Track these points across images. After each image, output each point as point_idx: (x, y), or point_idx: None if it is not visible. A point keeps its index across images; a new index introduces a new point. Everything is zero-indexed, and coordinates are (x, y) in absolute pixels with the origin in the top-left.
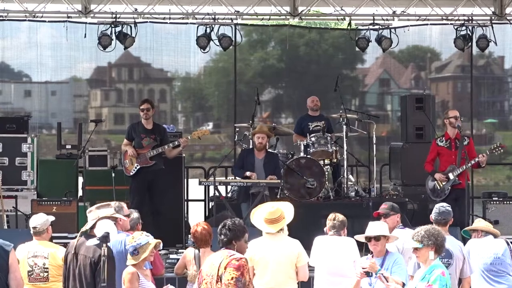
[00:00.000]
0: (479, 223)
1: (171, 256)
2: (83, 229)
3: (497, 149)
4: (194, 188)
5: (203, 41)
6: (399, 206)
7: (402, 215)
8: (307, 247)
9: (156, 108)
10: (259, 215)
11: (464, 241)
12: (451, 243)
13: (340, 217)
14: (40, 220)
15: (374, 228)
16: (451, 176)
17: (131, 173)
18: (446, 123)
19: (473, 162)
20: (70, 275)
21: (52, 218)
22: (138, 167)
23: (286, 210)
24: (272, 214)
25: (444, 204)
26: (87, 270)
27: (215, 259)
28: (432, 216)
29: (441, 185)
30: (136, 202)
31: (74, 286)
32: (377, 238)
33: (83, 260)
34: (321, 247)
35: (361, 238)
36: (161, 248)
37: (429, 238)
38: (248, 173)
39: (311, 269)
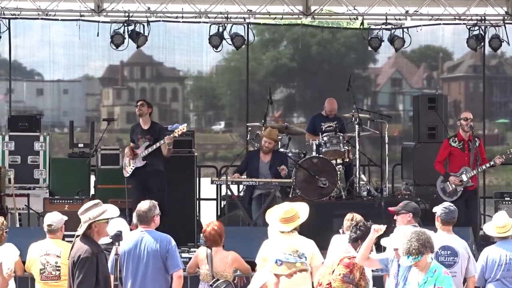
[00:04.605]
0: (498, 221)
1: (183, 255)
2: (79, 233)
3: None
4: (206, 187)
5: (215, 40)
6: None
7: (415, 215)
8: (319, 246)
9: (168, 107)
10: (274, 214)
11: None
12: (457, 241)
13: (358, 217)
14: (55, 218)
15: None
16: (464, 178)
17: (128, 174)
18: (459, 124)
19: (488, 165)
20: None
21: (65, 217)
22: (133, 168)
23: (301, 210)
24: (287, 213)
25: (449, 203)
26: (70, 270)
27: (337, 254)
28: (440, 215)
29: (453, 187)
30: (133, 203)
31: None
32: None
33: (69, 260)
34: (339, 246)
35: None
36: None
37: (425, 246)
38: None
39: None
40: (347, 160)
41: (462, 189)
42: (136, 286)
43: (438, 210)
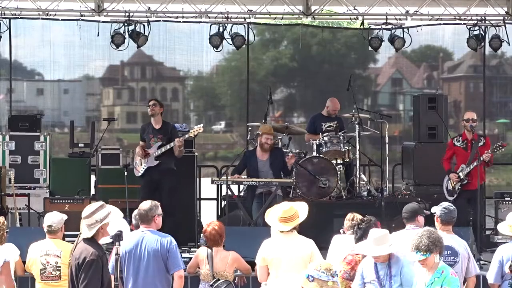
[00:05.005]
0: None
1: (184, 254)
2: (85, 236)
3: (498, 148)
4: (207, 187)
5: (215, 40)
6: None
7: (404, 218)
8: (319, 246)
9: (168, 107)
10: (273, 214)
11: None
12: (456, 241)
13: (358, 217)
14: (55, 218)
15: (375, 245)
16: (461, 175)
17: (140, 173)
18: (463, 125)
19: (476, 163)
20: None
21: (65, 216)
22: (145, 167)
23: (300, 209)
24: (286, 213)
25: (448, 203)
26: (73, 271)
27: (342, 254)
28: (440, 215)
29: (453, 184)
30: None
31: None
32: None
33: (72, 262)
34: (340, 246)
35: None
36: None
37: (435, 245)
38: None
39: None
40: (348, 160)
41: (460, 187)
42: (137, 286)
43: (437, 210)
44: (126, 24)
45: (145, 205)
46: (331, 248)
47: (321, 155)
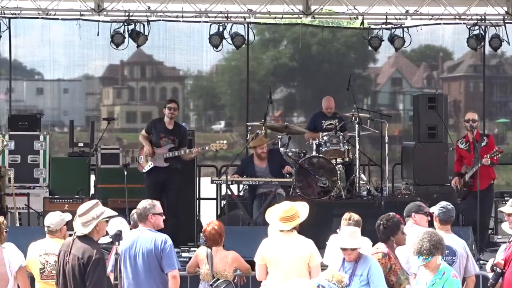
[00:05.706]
0: None
1: (183, 254)
2: (81, 233)
3: (495, 154)
4: (206, 187)
5: (215, 40)
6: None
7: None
8: (319, 246)
9: None
10: (274, 213)
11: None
12: (455, 241)
13: (356, 216)
14: (54, 220)
15: (350, 238)
16: (466, 177)
17: (144, 170)
18: (464, 125)
19: (477, 166)
20: (60, 272)
21: (69, 217)
22: (152, 166)
23: (301, 209)
24: (287, 212)
25: (447, 202)
26: (76, 270)
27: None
28: (438, 215)
29: (459, 186)
30: None
31: (64, 284)
32: (353, 248)
33: (72, 260)
34: (337, 246)
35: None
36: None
37: (437, 247)
38: None
39: (324, 267)
40: (347, 160)
41: (465, 189)
42: (134, 285)
43: (435, 210)
44: (126, 24)
45: (142, 204)
46: (328, 248)
47: (320, 155)
